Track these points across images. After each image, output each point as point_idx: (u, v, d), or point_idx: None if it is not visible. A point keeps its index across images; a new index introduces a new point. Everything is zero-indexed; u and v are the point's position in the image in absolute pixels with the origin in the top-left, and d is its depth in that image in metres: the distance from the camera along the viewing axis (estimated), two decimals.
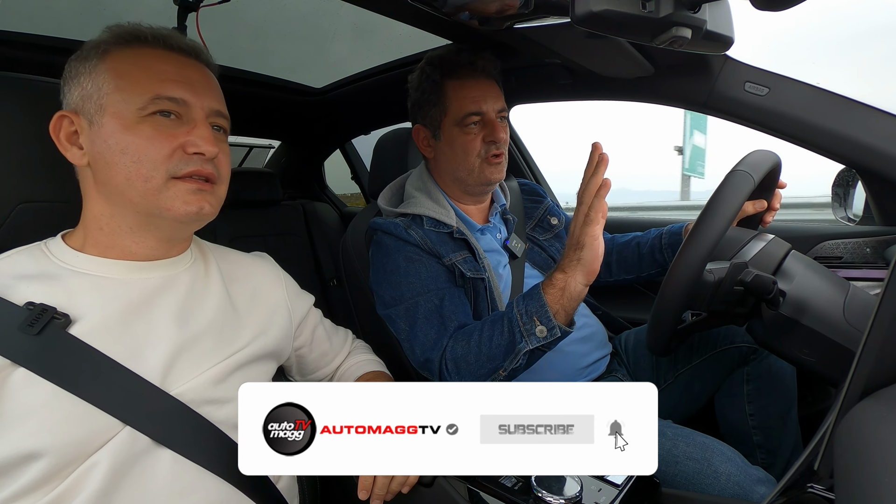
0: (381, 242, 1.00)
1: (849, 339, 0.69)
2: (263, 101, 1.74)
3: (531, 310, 0.80)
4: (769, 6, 0.53)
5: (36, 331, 0.52)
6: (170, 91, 0.59)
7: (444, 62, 1.01)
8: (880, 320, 0.39)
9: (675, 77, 1.07)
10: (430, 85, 1.02)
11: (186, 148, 0.59)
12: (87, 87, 0.59)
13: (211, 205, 0.62)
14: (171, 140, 0.59)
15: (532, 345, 0.79)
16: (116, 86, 0.59)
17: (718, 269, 0.75)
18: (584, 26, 0.58)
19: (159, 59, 0.61)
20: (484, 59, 1.01)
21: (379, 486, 0.66)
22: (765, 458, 0.97)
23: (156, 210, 0.59)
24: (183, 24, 0.98)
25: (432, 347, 0.87)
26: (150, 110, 0.58)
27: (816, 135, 0.97)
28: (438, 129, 1.03)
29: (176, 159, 0.59)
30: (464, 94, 1.00)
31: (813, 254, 1.13)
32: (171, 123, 0.59)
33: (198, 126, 0.61)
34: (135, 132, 0.58)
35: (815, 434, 0.48)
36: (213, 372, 0.62)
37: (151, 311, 0.61)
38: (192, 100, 0.61)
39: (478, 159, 1.01)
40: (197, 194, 0.60)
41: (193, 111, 0.61)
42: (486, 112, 1.00)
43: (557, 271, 0.81)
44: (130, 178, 0.58)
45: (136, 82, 0.59)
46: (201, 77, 0.64)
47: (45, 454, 0.50)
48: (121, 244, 0.61)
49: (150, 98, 0.58)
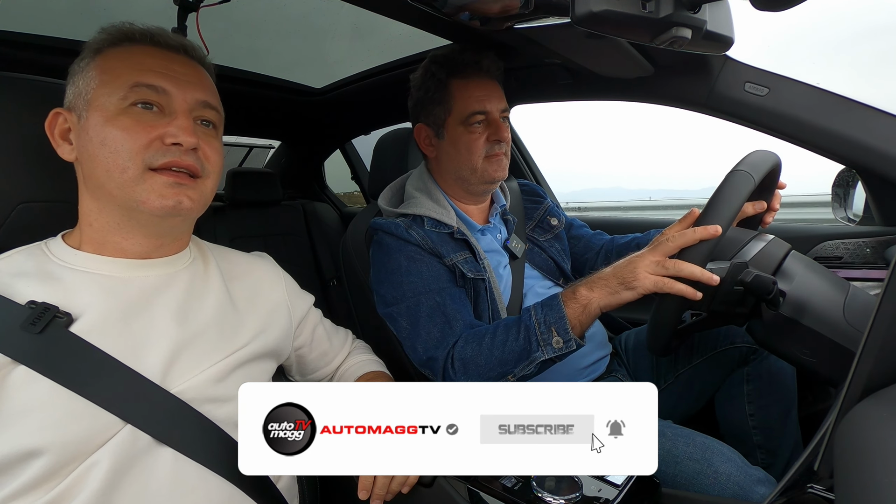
0: (381, 242, 1.00)
1: (849, 340, 0.69)
2: (263, 101, 1.75)
3: (550, 320, 0.80)
4: (769, 6, 0.53)
5: (38, 329, 0.52)
6: (149, 79, 0.59)
7: (450, 61, 1.02)
8: (880, 320, 0.39)
9: (674, 77, 1.07)
10: (435, 83, 1.02)
11: (164, 138, 0.58)
12: (79, 85, 0.61)
13: (191, 199, 0.60)
14: (150, 130, 0.58)
15: (548, 354, 0.80)
16: (101, 80, 0.59)
17: (718, 269, 0.75)
18: (584, 26, 0.58)
19: (145, 54, 0.61)
20: (489, 59, 1.01)
21: (379, 485, 0.66)
22: (765, 458, 0.97)
23: (133, 203, 0.58)
24: (183, 24, 0.98)
25: (437, 346, 0.87)
26: (130, 100, 0.58)
27: (816, 135, 0.97)
28: (442, 128, 1.03)
29: (153, 150, 0.58)
30: (469, 93, 1.00)
31: (813, 254, 1.13)
32: (151, 115, 0.59)
33: (178, 117, 0.60)
34: (114, 123, 0.58)
35: (815, 434, 0.48)
36: (214, 370, 0.62)
37: (151, 309, 0.61)
38: (173, 90, 0.60)
39: (481, 158, 1.01)
40: (174, 188, 0.59)
41: (175, 102, 0.60)
42: (491, 111, 1.00)
43: (583, 287, 0.81)
44: (109, 169, 0.57)
45: (119, 75, 0.59)
46: (187, 70, 0.63)
47: (46, 452, 0.50)
48: (111, 241, 0.61)
49: (129, 86, 0.58)
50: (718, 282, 0.71)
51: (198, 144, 0.60)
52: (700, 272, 0.71)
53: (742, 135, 1.09)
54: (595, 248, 1.22)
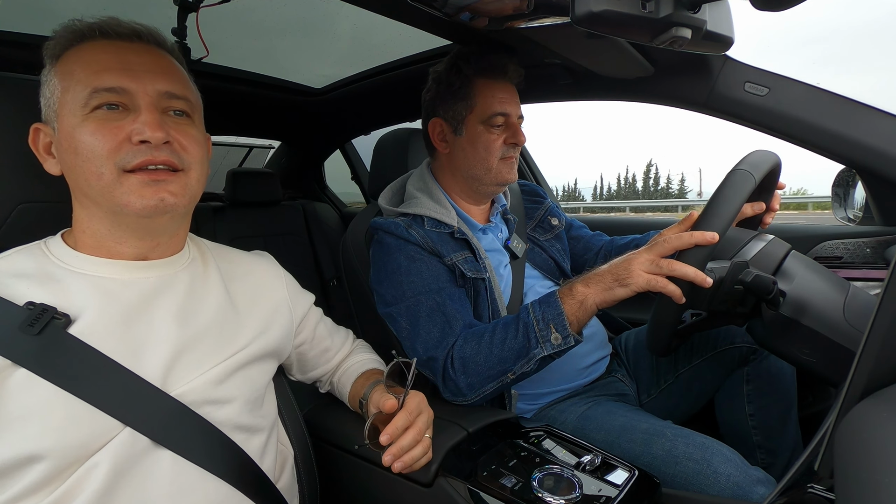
0: (382, 241, 1.00)
1: (849, 339, 0.69)
2: (263, 101, 1.74)
3: (548, 317, 0.81)
4: (769, 6, 0.53)
5: (36, 331, 0.52)
6: (105, 81, 0.56)
7: (479, 59, 1.01)
8: (880, 320, 0.39)
9: (674, 77, 1.07)
10: (461, 79, 1.02)
11: (132, 137, 0.56)
12: (47, 96, 0.59)
13: (173, 194, 0.58)
14: (116, 132, 0.56)
15: (547, 351, 0.80)
16: (63, 87, 0.58)
17: (719, 268, 0.75)
18: (584, 26, 0.58)
19: (98, 50, 0.58)
20: (514, 66, 1.02)
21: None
22: (765, 458, 0.97)
23: (116, 207, 0.57)
24: (183, 24, 0.98)
25: (436, 346, 0.87)
26: (91, 105, 0.56)
27: (816, 135, 0.97)
28: (461, 124, 1.03)
29: (124, 151, 0.56)
30: (493, 93, 1.00)
31: (813, 254, 1.13)
32: (115, 115, 0.57)
33: (141, 112, 0.57)
34: (81, 130, 0.56)
35: (815, 434, 0.48)
36: (214, 372, 0.62)
37: (151, 312, 0.60)
38: (131, 86, 0.57)
39: (497, 159, 1.02)
40: (152, 186, 0.57)
41: (137, 97, 0.57)
42: (511, 115, 1.01)
43: (580, 284, 0.81)
44: (86, 177, 0.56)
45: (78, 80, 0.57)
46: (145, 60, 0.59)
47: (47, 456, 0.50)
48: (106, 246, 0.61)
49: (88, 93, 0.56)
50: (711, 284, 0.72)
51: (169, 137, 0.58)
52: (694, 273, 0.71)
53: (742, 135, 1.09)
54: (594, 249, 1.23)
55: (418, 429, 0.68)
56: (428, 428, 0.71)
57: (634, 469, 0.74)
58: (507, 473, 0.71)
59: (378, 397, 0.73)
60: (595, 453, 0.76)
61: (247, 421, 0.65)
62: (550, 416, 0.98)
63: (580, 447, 0.79)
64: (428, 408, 0.73)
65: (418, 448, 0.67)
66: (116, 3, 1.19)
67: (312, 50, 1.57)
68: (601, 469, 0.74)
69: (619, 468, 0.75)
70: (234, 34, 1.38)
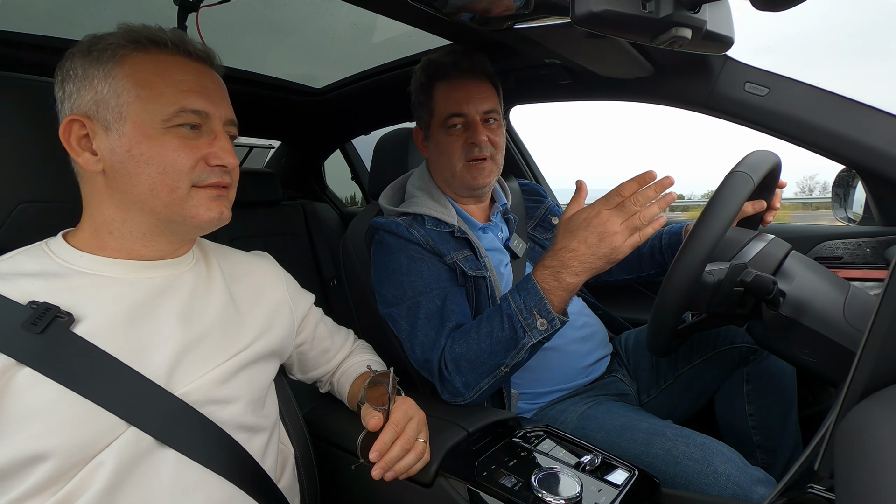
0: (382, 241, 1.00)
1: (849, 340, 0.69)
2: (263, 101, 1.75)
3: (530, 304, 0.80)
4: (769, 6, 0.53)
5: (39, 329, 0.52)
6: (193, 104, 0.60)
7: (433, 64, 1.01)
8: (880, 320, 0.39)
9: (675, 77, 1.07)
10: (420, 87, 1.03)
11: (209, 160, 0.61)
12: (103, 93, 0.58)
13: (228, 209, 0.65)
14: (195, 151, 0.60)
15: (535, 338, 0.80)
16: (138, 95, 0.58)
17: (718, 269, 0.75)
18: (584, 26, 0.58)
19: (179, 68, 0.61)
20: (470, 58, 0.99)
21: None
22: (765, 458, 0.97)
23: (179, 218, 0.61)
24: (183, 24, 0.98)
25: (431, 348, 0.87)
26: (174, 122, 0.59)
27: (816, 135, 0.97)
28: (429, 130, 1.04)
29: (199, 170, 0.61)
30: (447, 94, 1.00)
31: (813, 254, 1.13)
32: (193, 134, 0.61)
33: (218, 138, 0.63)
34: (160, 143, 0.58)
35: (815, 434, 0.48)
36: (218, 372, 0.62)
37: (156, 311, 0.61)
38: (212, 111, 0.62)
39: (459, 162, 1.00)
40: (217, 200, 0.63)
41: (213, 122, 0.62)
42: (469, 113, 0.98)
43: (556, 261, 0.79)
44: (155, 188, 0.59)
45: (160, 93, 0.59)
46: (217, 87, 0.65)
47: (52, 456, 0.50)
48: (129, 247, 0.62)
49: (174, 111, 0.59)
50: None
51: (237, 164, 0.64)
52: (657, 207, 0.74)
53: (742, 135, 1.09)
54: None
55: (407, 438, 0.69)
56: (420, 431, 0.71)
57: (634, 469, 0.75)
58: (506, 473, 0.71)
59: (363, 415, 0.73)
60: (595, 453, 0.76)
61: (249, 420, 0.65)
62: (550, 415, 0.98)
63: (580, 447, 0.79)
64: (418, 411, 0.74)
65: (410, 456, 0.68)
66: (117, 3, 1.20)
67: (312, 50, 1.57)
68: (601, 469, 0.74)
69: (619, 468, 0.75)
70: (235, 34, 1.38)
